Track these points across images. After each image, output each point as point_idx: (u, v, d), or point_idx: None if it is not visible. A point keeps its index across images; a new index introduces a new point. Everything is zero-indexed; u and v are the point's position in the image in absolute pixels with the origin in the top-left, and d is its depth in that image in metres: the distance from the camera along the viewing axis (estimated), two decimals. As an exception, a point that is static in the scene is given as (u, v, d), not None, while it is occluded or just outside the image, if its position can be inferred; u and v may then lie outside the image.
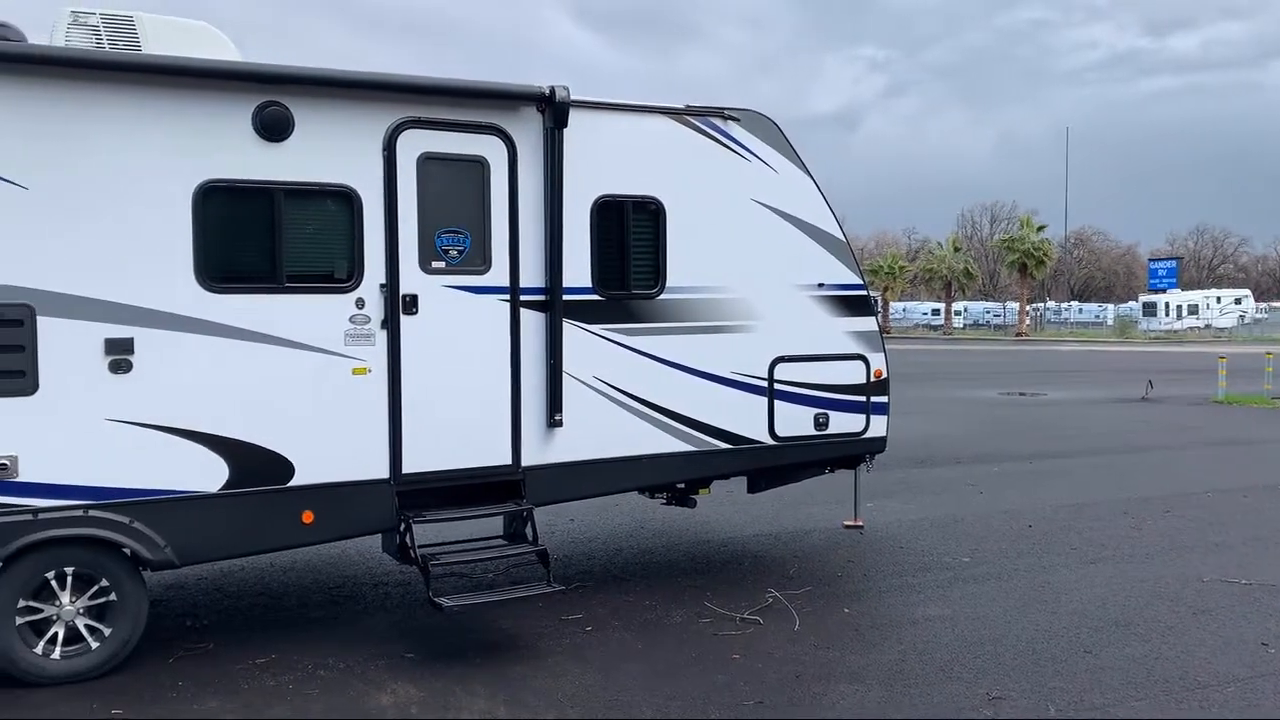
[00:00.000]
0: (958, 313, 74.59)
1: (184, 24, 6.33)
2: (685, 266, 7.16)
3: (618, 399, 6.99)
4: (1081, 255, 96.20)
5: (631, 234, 7.02)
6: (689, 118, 7.21)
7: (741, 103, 7.44)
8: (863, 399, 7.91)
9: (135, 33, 6.11)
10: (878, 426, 7.99)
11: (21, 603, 5.49)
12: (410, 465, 6.37)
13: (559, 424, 6.76)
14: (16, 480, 5.40)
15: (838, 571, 8.03)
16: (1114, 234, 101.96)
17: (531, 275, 6.68)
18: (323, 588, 7.56)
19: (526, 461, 6.71)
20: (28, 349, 5.42)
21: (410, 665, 5.96)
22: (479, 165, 6.51)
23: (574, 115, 6.64)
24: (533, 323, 6.70)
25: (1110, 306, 79.34)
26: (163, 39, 6.10)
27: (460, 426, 6.51)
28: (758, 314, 7.45)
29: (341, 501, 6.19)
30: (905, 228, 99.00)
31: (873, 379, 7.93)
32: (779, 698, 5.52)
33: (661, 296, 7.12)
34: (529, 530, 6.67)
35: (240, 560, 7.92)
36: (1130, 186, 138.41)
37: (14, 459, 5.39)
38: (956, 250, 69.11)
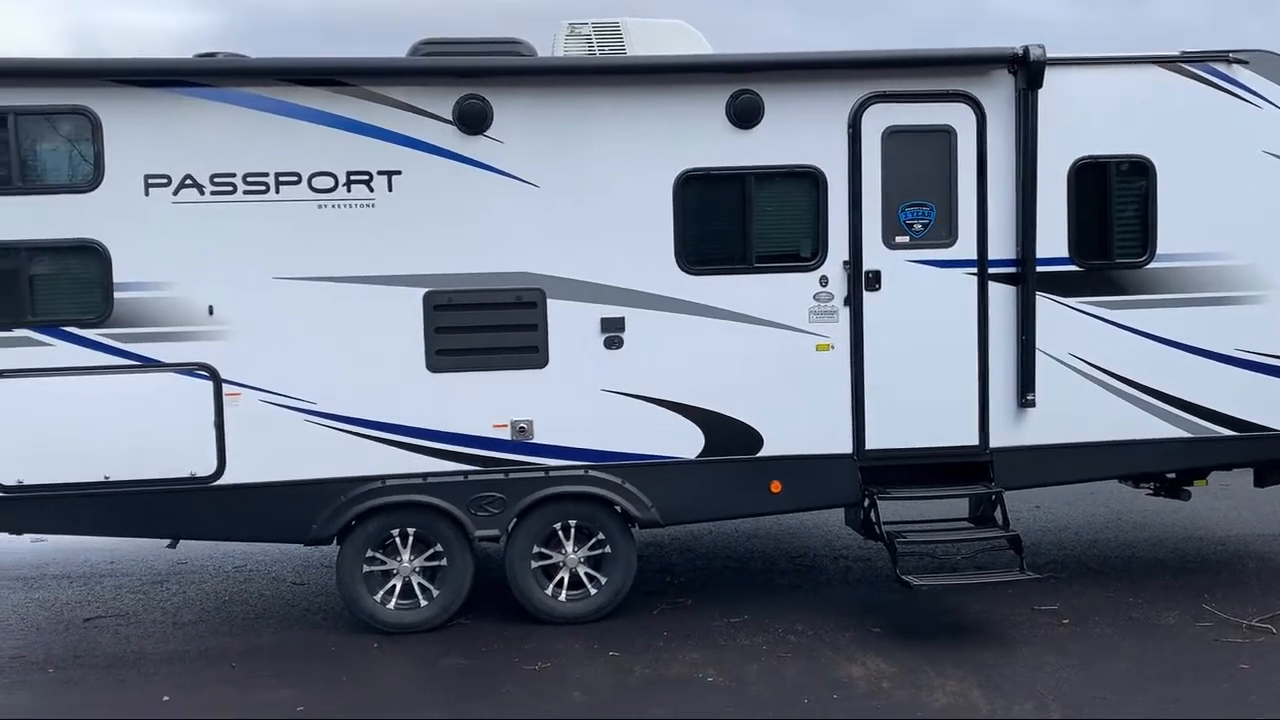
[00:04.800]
0: None
1: (662, 24, 6.80)
2: (1180, 231, 6.43)
3: (1098, 378, 6.46)
4: None
5: (1115, 197, 6.43)
6: (1184, 65, 6.45)
7: (1224, 45, 6.51)
8: None
9: (620, 37, 6.67)
10: None
11: (535, 549, 6.28)
12: (873, 441, 6.38)
13: (1031, 404, 6.39)
14: (533, 442, 6.18)
15: (1374, 583, 6.84)
16: None
17: (1001, 246, 6.37)
18: (785, 556, 7.82)
19: (995, 443, 6.43)
20: (540, 328, 6.16)
21: (878, 639, 5.98)
22: (945, 135, 6.32)
23: (1049, 74, 6.22)
24: (1002, 296, 6.39)
25: None
26: (645, 40, 6.61)
27: (923, 404, 6.39)
28: (1272, 283, 6.50)
29: (807, 473, 6.36)
30: None
31: None
32: (1305, 720, 4.82)
33: (1151, 265, 6.46)
34: (998, 514, 6.40)
35: (707, 525, 8.43)
36: None
37: (531, 423, 6.17)
38: None
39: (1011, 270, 6.37)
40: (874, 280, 6.32)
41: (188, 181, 5.87)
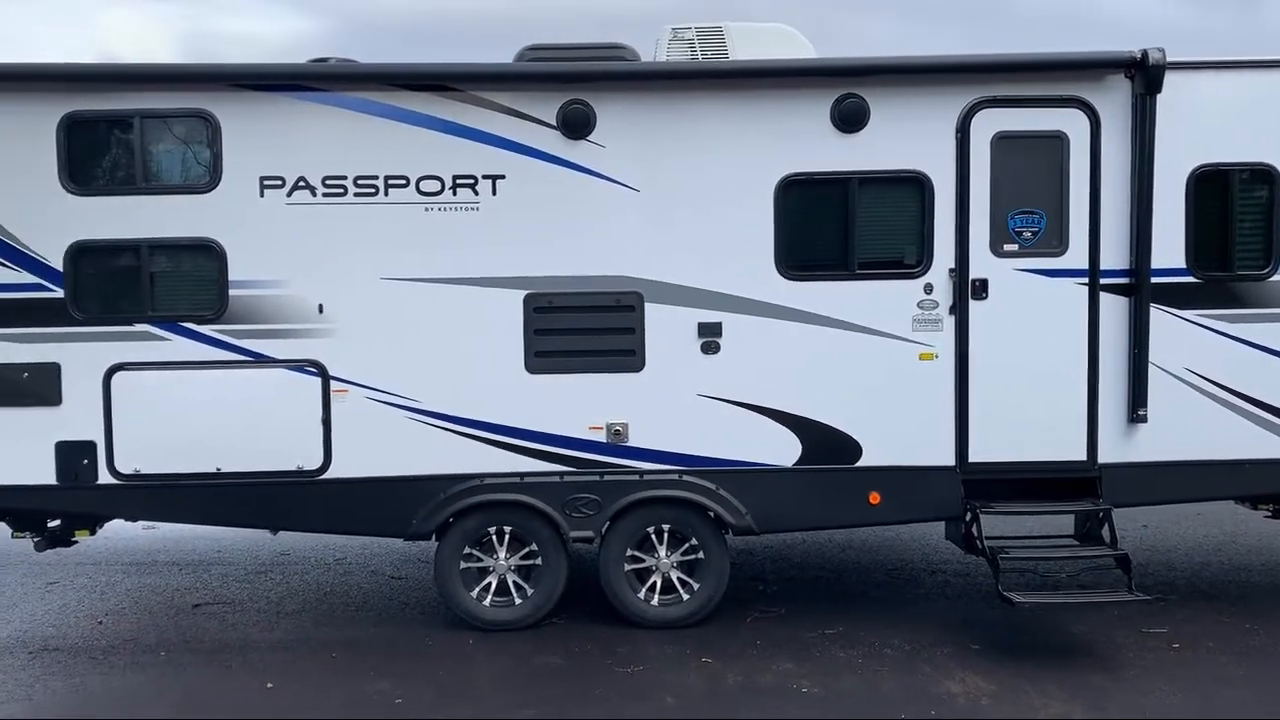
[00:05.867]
0: None
1: (765, 28, 6.74)
2: (1307, 243, 6.16)
3: (1216, 394, 6.21)
4: None
5: (1237, 207, 6.18)
6: (1313, 68, 6.18)
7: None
8: None
9: (723, 41, 6.64)
10: None
11: (629, 552, 6.28)
12: (976, 454, 6.23)
13: (1143, 419, 6.17)
14: (628, 445, 6.20)
15: None
16: None
17: (1114, 256, 6.17)
18: (880, 568, 7.70)
19: (1104, 458, 6.23)
20: (637, 331, 6.17)
21: (976, 656, 5.84)
22: (1057, 141, 6.15)
23: (1168, 78, 6.01)
24: (1114, 308, 6.19)
25: None
26: (747, 44, 6.56)
27: (1030, 417, 6.21)
28: (1406, 297, 6.18)
29: (907, 485, 6.24)
30: None
31: None
32: None
33: (1275, 278, 6.19)
34: (1105, 532, 6.19)
35: (800, 534, 8.33)
36: None
37: (626, 426, 6.19)
38: None
39: (1125, 281, 6.17)
40: (980, 289, 6.17)
41: (301, 183, 6.03)
